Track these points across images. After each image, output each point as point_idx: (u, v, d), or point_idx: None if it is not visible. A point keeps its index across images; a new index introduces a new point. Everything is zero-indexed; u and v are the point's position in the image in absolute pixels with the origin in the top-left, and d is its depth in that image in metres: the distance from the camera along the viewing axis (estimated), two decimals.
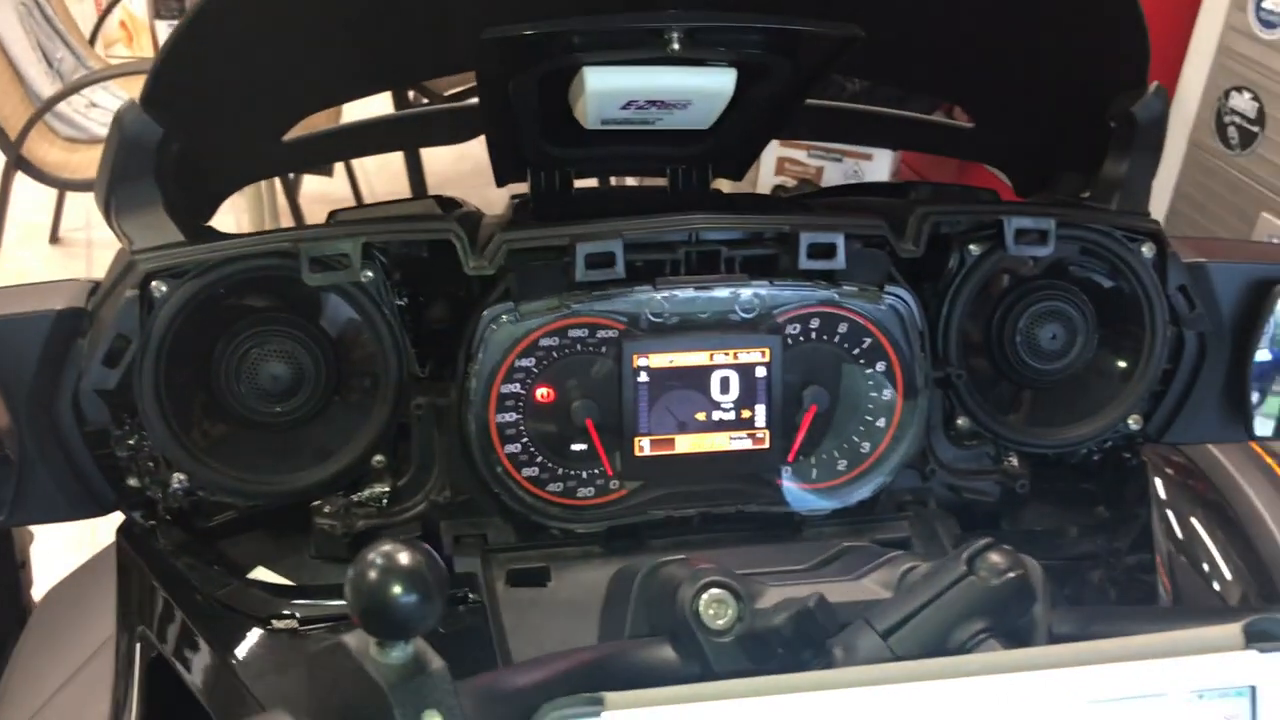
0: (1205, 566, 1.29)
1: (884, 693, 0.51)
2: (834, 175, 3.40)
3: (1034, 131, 1.11)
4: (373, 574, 0.46)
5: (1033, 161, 1.13)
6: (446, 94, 3.13)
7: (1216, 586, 1.25)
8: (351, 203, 3.24)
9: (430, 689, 0.47)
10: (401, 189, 3.69)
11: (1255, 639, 0.54)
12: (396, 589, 0.46)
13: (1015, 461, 1.00)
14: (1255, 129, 2.42)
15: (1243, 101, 2.45)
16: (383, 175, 4.11)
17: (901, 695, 0.51)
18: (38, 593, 1.28)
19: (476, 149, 1.06)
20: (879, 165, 3.34)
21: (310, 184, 3.77)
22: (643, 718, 0.49)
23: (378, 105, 2.37)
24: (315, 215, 3.63)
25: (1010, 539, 0.65)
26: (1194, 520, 1.33)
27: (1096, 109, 1.00)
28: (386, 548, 0.47)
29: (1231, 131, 2.49)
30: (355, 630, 0.49)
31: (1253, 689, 0.54)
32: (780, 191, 3.33)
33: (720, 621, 0.63)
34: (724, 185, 1.16)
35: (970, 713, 0.52)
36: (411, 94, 3.43)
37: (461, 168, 4.02)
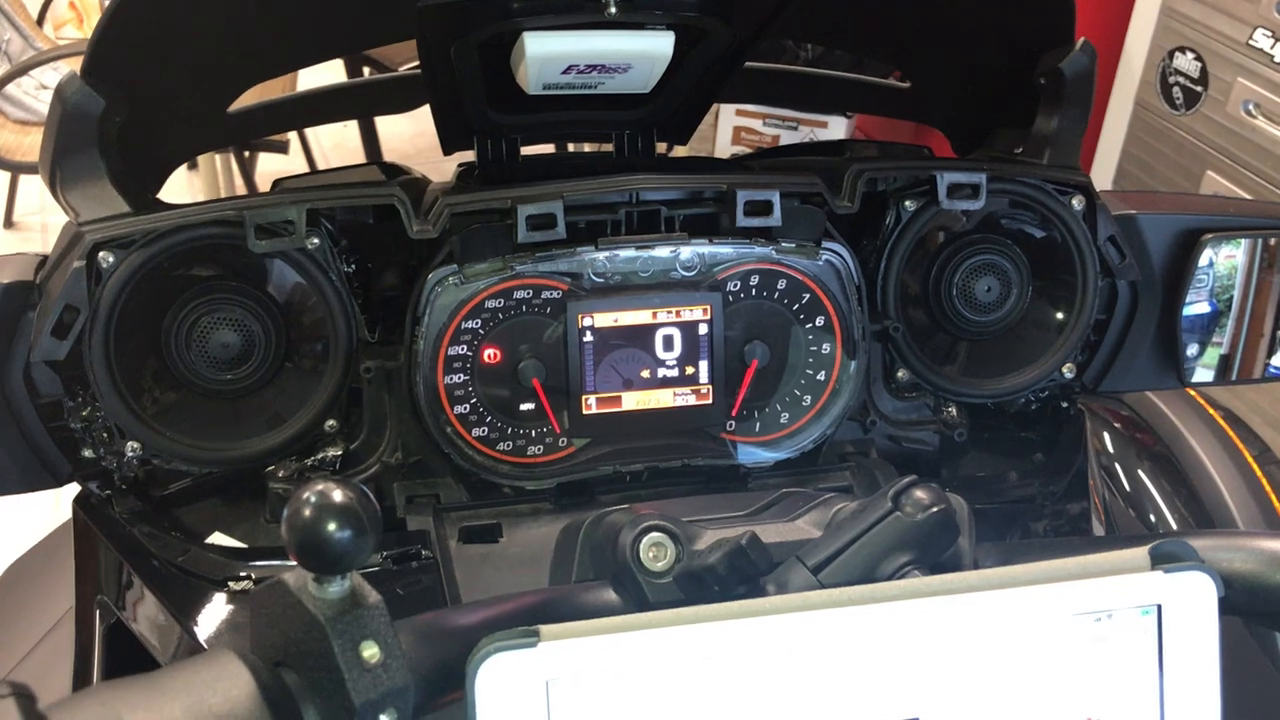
0: (1149, 512, 1.33)
1: (804, 617, 0.53)
2: (790, 143, 3.41)
3: (967, 90, 1.13)
4: (307, 511, 0.48)
5: (968, 119, 1.15)
6: (401, 70, 3.11)
7: (1161, 530, 1.29)
8: None
9: (367, 621, 0.49)
10: None
11: (1160, 560, 0.57)
12: (331, 525, 0.48)
13: (954, 411, 1.03)
14: (1199, 89, 2.46)
15: (1186, 62, 2.48)
16: (339, 152, 4.08)
17: (822, 619, 0.53)
18: None
19: (433, 124, 1.07)
20: (834, 132, 3.36)
21: (266, 162, 3.75)
22: (577, 648, 0.51)
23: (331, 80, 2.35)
24: None
25: (950, 485, 0.67)
26: (1138, 469, 1.37)
27: (1026, 67, 1.02)
28: (320, 486, 0.49)
29: (1176, 92, 2.53)
30: (295, 569, 0.50)
31: (1158, 607, 0.57)
32: None
33: (660, 564, 0.65)
34: (680, 152, 1.16)
35: (887, 635, 0.54)
36: (367, 70, 3.41)
37: (420, 143, 4.01)
